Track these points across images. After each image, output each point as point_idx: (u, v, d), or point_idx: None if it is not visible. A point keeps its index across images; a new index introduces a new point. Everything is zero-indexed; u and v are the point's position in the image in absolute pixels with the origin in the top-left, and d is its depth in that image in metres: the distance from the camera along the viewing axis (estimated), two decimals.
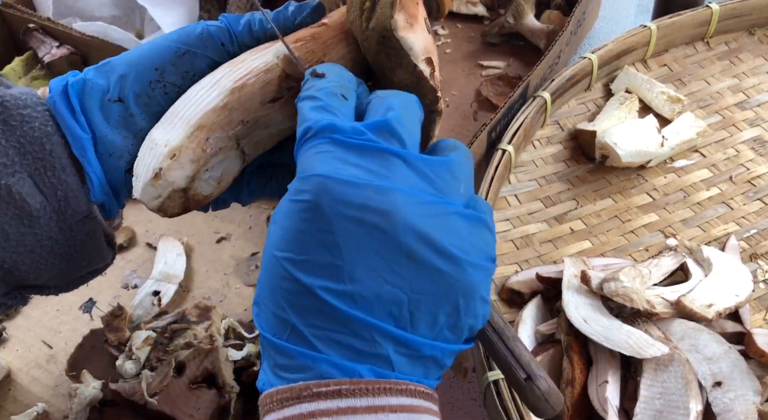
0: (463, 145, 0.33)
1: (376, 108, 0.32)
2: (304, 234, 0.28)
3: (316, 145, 0.30)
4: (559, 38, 0.75)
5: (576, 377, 0.49)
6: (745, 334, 0.53)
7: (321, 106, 0.32)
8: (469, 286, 0.30)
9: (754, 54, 0.78)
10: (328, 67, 0.34)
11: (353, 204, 0.28)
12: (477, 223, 0.31)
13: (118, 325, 0.59)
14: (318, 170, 0.29)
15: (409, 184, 0.29)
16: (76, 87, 0.38)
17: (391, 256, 0.28)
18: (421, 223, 0.29)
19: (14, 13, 0.82)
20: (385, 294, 0.28)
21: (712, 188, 0.66)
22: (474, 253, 0.30)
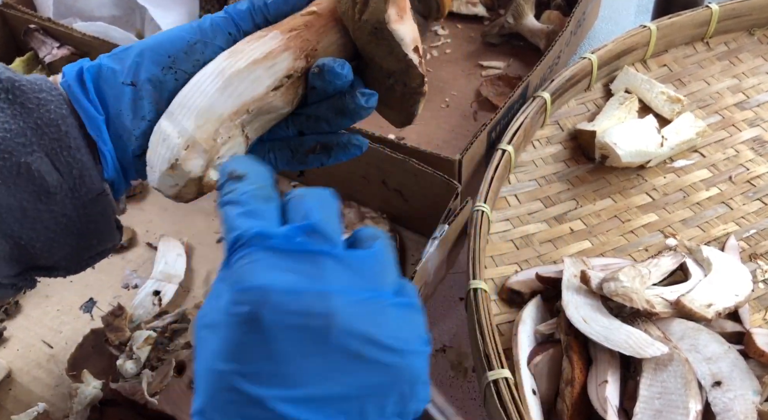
0: (382, 232, 0.34)
1: (296, 209, 0.33)
2: (246, 345, 0.29)
3: (248, 253, 0.30)
4: (559, 38, 0.75)
5: (576, 377, 0.49)
6: (744, 334, 0.53)
7: (247, 212, 0.32)
8: (414, 373, 0.30)
9: (754, 54, 0.78)
10: (244, 165, 0.34)
11: (294, 312, 0.28)
12: (409, 309, 0.32)
13: (119, 324, 0.59)
14: (256, 281, 0.29)
15: (344, 282, 0.30)
16: (92, 70, 0.40)
17: (336, 358, 0.29)
18: (359, 323, 0.29)
19: (15, 13, 0.82)
20: (335, 394, 0.29)
21: (711, 188, 0.66)
22: (412, 341, 0.31)
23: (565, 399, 0.49)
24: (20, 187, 0.37)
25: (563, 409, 0.49)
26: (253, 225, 0.31)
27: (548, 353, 0.51)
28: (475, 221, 0.59)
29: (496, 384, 0.49)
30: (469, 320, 0.54)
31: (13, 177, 0.36)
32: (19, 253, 0.38)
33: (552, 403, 0.51)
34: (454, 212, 0.58)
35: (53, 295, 0.65)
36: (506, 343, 0.54)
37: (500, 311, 0.57)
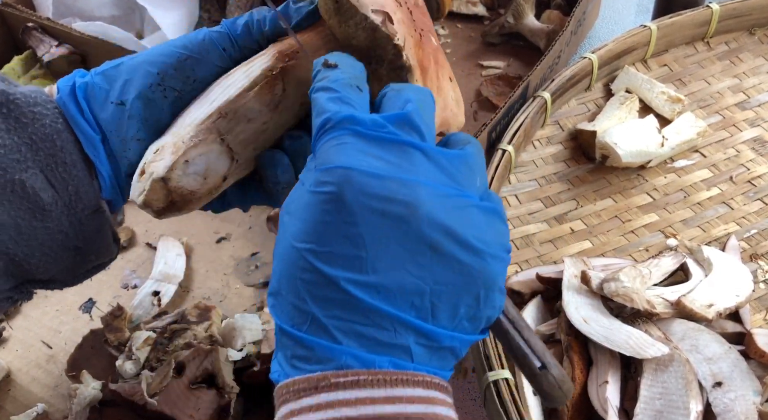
0: (475, 138, 0.34)
1: (392, 100, 0.32)
2: (327, 225, 0.28)
3: (336, 136, 0.30)
4: (559, 38, 0.75)
5: (576, 377, 0.49)
6: (745, 335, 0.53)
7: (338, 98, 0.31)
8: (491, 277, 0.30)
9: (754, 54, 0.78)
10: (339, 57, 0.34)
11: (378, 196, 0.28)
12: (493, 215, 0.31)
13: (118, 325, 0.59)
14: (341, 162, 0.29)
15: (431, 176, 0.30)
16: (82, 88, 0.39)
17: (415, 248, 0.28)
18: (443, 216, 0.29)
19: (13, 12, 0.82)
20: (408, 285, 0.28)
21: (712, 188, 0.66)
22: (493, 245, 0.30)
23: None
24: (14, 205, 0.36)
25: (563, 410, 0.49)
26: (342, 109, 0.31)
27: None
28: None
29: (496, 384, 0.49)
30: None
31: (7, 194, 0.36)
32: (14, 269, 0.38)
33: None
34: None
35: (52, 295, 0.65)
36: None
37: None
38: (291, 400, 0.28)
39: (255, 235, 0.69)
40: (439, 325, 0.29)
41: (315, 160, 0.30)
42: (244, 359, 0.56)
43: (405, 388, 0.28)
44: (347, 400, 0.27)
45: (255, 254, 0.67)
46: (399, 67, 0.37)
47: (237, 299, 0.64)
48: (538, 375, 0.33)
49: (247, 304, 0.64)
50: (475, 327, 0.31)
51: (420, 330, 0.29)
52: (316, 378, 0.28)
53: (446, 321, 0.30)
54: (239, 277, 0.66)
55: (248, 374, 0.55)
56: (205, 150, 0.37)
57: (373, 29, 0.36)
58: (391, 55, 0.37)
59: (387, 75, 0.38)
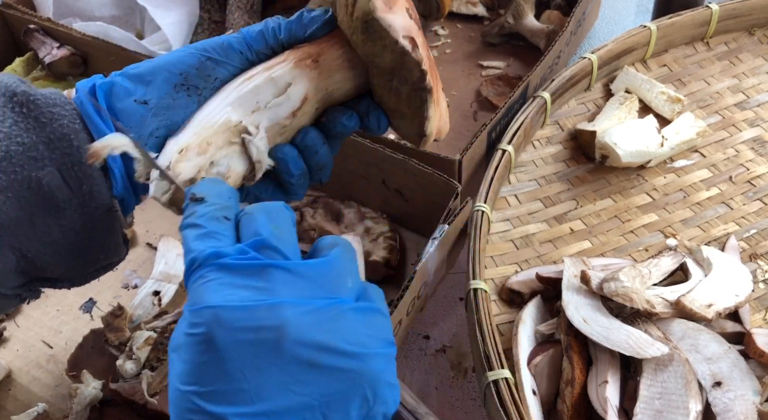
0: (343, 239, 0.35)
1: (247, 226, 0.33)
2: (204, 365, 0.29)
3: (202, 274, 0.31)
4: (559, 38, 0.75)
5: (576, 377, 0.49)
6: (744, 334, 0.53)
7: (204, 234, 0.32)
8: (374, 376, 0.31)
9: (754, 54, 0.78)
10: (206, 187, 0.35)
11: (246, 328, 0.29)
12: (370, 313, 0.32)
13: (119, 325, 0.59)
14: (208, 301, 0.30)
15: (298, 293, 0.30)
16: (104, 87, 0.40)
17: (294, 368, 0.29)
18: (313, 331, 0.30)
19: (15, 13, 0.82)
20: (295, 405, 0.29)
21: (711, 188, 0.66)
22: (372, 344, 0.31)
23: (565, 399, 0.49)
24: (30, 201, 0.37)
25: (563, 410, 0.49)
26: (207, 246, 0.32)
27: (548, 353, 0.51)
28: (475, 221, 0.59)
29: (496, 384, 0.49)
30: (469, 320, 0.54)
31: (23, 191, 0.36)
32: (25, 265, 0.38)
33: (552, 404, 0.51)
34: (454, 212, 0.58)
35: (53, 295, 0.65)
36: (506, 343, 0.54)
37: (500, 311, 0.57)
38: None
39: None
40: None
41: (188, 301, 0.31)
42: None
43: None
44: None
45: None
46: (421, 89, 0.39)
47: None
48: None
49: None
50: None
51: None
52: None
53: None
54: None
55: None
56: (228, 151, 0.39)
57: (403, 54, 0.38)
58: (416, 78, 0.39)
59: (408, 94, 0.40)
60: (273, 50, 0.42)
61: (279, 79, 0.40)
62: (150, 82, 0.40)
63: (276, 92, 0.40)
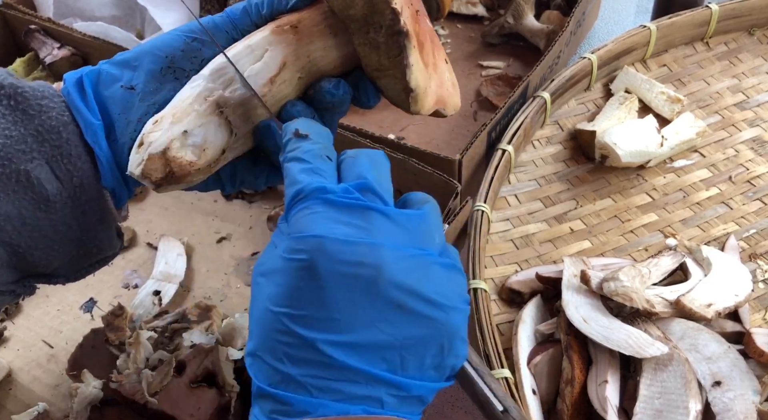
0: (431, 197, 0.36)
1: (350, 167, 0.35)
2: (301, 291, 0.31)
3: (308, 206, 0.32)
4: (558, 38, 0.75)
5: (576, 377, 0.49)
6: (744, 334, 0.53)
7: (310, 169, 0.34)
8: (453, 328, 0.32)
9: (754, 54, 0.78)
10: (309, 126, 0.36)
11: (348, 261, 0.30)
12: (452, 269, 0.34)
13: (119, 324, 0.59)
14: (313, 231, 0.31)
15: (394, 238, 0.32)
16: (91, 76, 0.40)
17: (384, 307, 0.31)
18: (407, 276, 0.31)
19: (15, 14, 0.82)
20: (380, 342, 0.31)
21: (711, 188, 0.66)
22: (454, 298, 0.33)
23: (565, 399, 0.49)
24: (19, 195, 0.36)
25: (563, 409, 0.49)
26: (313, 180, 0.33)
27: (548, 353, 0.52)
28: (475, 221, 0.59)
29: None
30: (469, 320, 0.54)
31: (12, 184, 0.36)
32: (17, 261, 0.38)
33: (552, 403, 0.51)
34: (454, 212, 0.58)
35: (53, 295, 0.65)
36: (506, 343, 0.54)
37: (500, 311, 0.57)
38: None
39: (255, 235, 0.69)
40: (408, 375, 0.32)
41: (289, 228, 0.32)
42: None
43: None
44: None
45: (255, 254, 0.68)
46: (396, 33, 0.38)
47: (237, 299, 0.64)
48: (500, 418, 0.35)
49: (248, 303, 0.64)
50: (441, 375, 0.33)
51: (391, 382, 0.31)
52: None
53: (414, 371, 0.32)
54: (240, 277, 0.66)
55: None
56: (204, 121, 0.38)
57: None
58: (389, 20, 0.37)
59: (385, 43, 0.38)
60: (257, 26, 0.41)
61: (256, 46, 0.39)
62: (136, 67, 0.40)
63: (253, 60, 0.38)
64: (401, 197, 0.36)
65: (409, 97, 0.39)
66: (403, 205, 0.35)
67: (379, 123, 0.80)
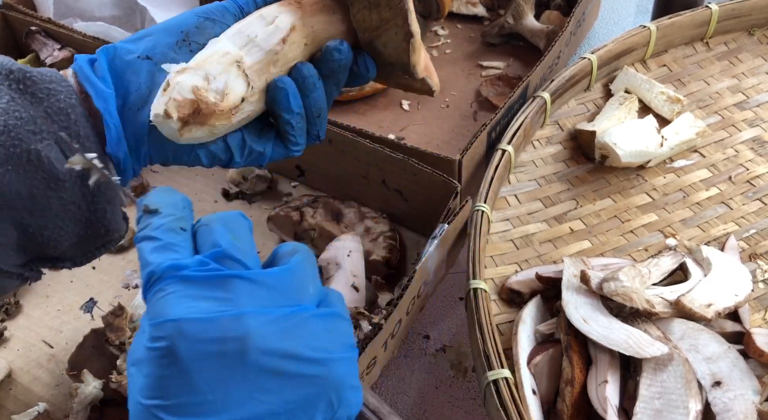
0: (302, 245, 0.35)
1: (205, 237, 0.33)
2: (168, 379, 0.29)
3: (161, 288, 0.31)
4: (558, 38, 0.75)
5: (576, 377, 0.49)
6: (744, 334, 0.53)
7: (161, 246, 0.32)
8: (338, 380, 0.31)
9: (754, 54, 0.78)
10: (159, 197, 0.35)
11: (210, 339, 0.29)
12: (331, 318, 0.32)
13: (119, 324, 0.59)
14: (170, 314, 0.29)
15: (261, 302, 0.30)
16: (107, 50, 0.41)
17: (258, 377, 0.29)
18: (277, 341, 0.30)
19: (16, 15, 0.82)
20: (261, 413, 0.29)
21: (711, 188, 0.66)
22: (335, 349, 0.31)
23: (565, 399, 0.49)
24: (30, 174, 0.37)
25: (563, 409, 0.49)
26: (165, 258, 0.31)
27: (548, 353, 0.52)
28: (475, 221, 0.59)
29: (496, 384, 0.49)
30: (469, 320, 0.54)
31: (23, 164, 0.37)
32: (27, 242, 0.38)
33: (552, 403, 0.51)
34: (453, 212, 0.58)
35: (54, 295, 0.66)
36: (506, 343, 0.54)
37: (500, 311, 0.57)
38: None
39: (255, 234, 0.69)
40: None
41: (147, 314, 0.31)
42: None
43: None
44: None
45: None
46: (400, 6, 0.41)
47: None
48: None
49: None
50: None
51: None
52: None
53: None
54: None
55: None
56: (224, 69, 0.40)
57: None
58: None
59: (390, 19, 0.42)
60: None
61: (267, 15, 0.42)
62: (153, 40, 0.41)
63: (265, 24, 0.42)
64: (271, 254, 0.35)
65: (410, 43, 0.42)
66: (272, 262, 0.34)
67: (379, 123, 0.80)
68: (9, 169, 0.36)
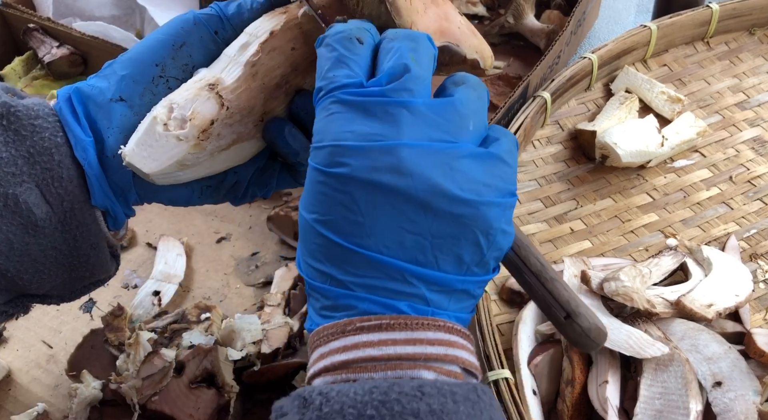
0: (472, 77, 0.34)
1: (385, 52, 0.33)
2: (325, 196, 0.31)
3: (325, 106, 0.31)
4: (559, 38, 0.75)
5: (576, 377, 0.49)
6: (745, 334, 0.53)
7: (336, 58, 0.32)
8: (486, 223, 0.31)
9: (754, 54, 0.78)
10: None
11: (362, 166, 0.30)
12: (489, 160, 0.32)
13: (119, 324, 0.59)
14: (329, 137, 0.30)
15: (417, 134, 0.30)
16: (78, 93, 0.38)
17: (407, 208, 0.30)
18: (430, 174, 0.30)
19: (14, 13, 0.82)
20: (408, 242, 0.30)
21: (712, 188, 0.66)
22: (487, 193, 0.31)
23: (565, 399, 0.49)
24: (6, 219, 0.35)
25: (563, 410, 0.49)
26: (336, 74, 0.32)
27: (548, 353, 0.51)
28: None
29: (496, 384, 0.49)
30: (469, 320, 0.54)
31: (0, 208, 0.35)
32: (6, 284, 0.37)
33: (552, 404, 0.51)
34: None
35: None
36: (506, 343, 0.54)
37: (500, 311, 0.57)
38: (321, 344, 0.30)
39: (255, 234, 0.69)
40: (447, 272, 0.31)
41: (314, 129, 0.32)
42: (244, 359, 0.56)
43: (425, 332, 0.30)
44: (370, 341, 0.29)
45: (255, 254, 0.68)
46: None
47: (237, 299, 0.64)
48: (563, 324, 0.34)
49: (248, 303, 0.64)
50: (485, 270, 0.32)
51: (429, 278, 0.30)
52: (343, 323, 0.30)
53: (453, 269, 0.31)
54: (239, 277, 0.66)
55: (248, 374, 0.55)
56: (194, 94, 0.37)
57: None
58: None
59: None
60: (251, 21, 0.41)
61: (252, 30, 0.39)
62: (124, 77, 0.39)
63: (245, 40, 0.38)
64: (441, 83, 0.34)
65: (387, 4, 0.36)
66: (440, 90, 0.34)
67: None
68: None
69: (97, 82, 0.39)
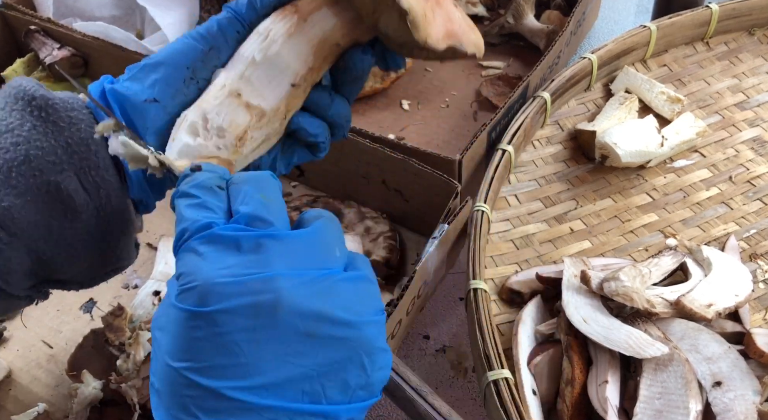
0: (326, 211, 0.35)
1: (235, 196, 0.33)
2: (199, 341, 0.29)
3: (192, 247, 0.31)
4: (559, 38, 0.75)
5: (576, 377, 0.49)
6: (744, 334, 0.53)
7: (197, 204, 0.32)
8: (369, 343, 0.31)
9: (754, 54, 0.78)
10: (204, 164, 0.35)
11: (242, 302, 0.29)
12: (360, 281, 0.32)
13: (119, 325, 0.59)
14: (200, 275, 0.29)
15: (290, 264, 0.30)
16: (114, 93, 0.40)
17: (291, 339, 0.29)
18: (310, 302, 0.29)
19: (15, 14, 0.82)
20: (295, 376, 0.29)
21: (711, 188, 0.66)
22: (365, 312, 0.31)
23: (565, 399, 0.49)
24: (48, 205, 0.37)
25: (563, 409, 0.49)
26: (199, 216, 0.32)
27: (548, 353, 0.51)
28: (475, 221, 0.59)
29: (496, 384, 0.49)
30: (469, 320, 0.54)
31: (42, 195, 0.36)
32: (39, 267, 0.38)
33: (552, 403, 0.51)
34: (454, 212, 0.58)
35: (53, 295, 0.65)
36: (506, 343, 0.54)
37: (500, 311, 0.57)
38: None
39: None
40: (334, 402, 0.30)
41: (177, 272, 0.31)
42: None
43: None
44: None
45: None
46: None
47: None
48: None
49: None
50: (371, 393, 0.32)
51: (317, 413, 0.29)
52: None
53: (340, 397, 0.30)
54: None
55: None
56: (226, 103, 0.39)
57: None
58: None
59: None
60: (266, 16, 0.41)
61: (263, 30, 0.39)
62: (157, 79, 0.40)
63: (261, 41, 0.39)
64: (296, 220, 0.34)
65: (407, 21, 0.37)
66: (300, 225, 0.34)
67: (379, 123, 0.79)
68: (28, 199, 0.36)
69: (129, 84, 0.40)
